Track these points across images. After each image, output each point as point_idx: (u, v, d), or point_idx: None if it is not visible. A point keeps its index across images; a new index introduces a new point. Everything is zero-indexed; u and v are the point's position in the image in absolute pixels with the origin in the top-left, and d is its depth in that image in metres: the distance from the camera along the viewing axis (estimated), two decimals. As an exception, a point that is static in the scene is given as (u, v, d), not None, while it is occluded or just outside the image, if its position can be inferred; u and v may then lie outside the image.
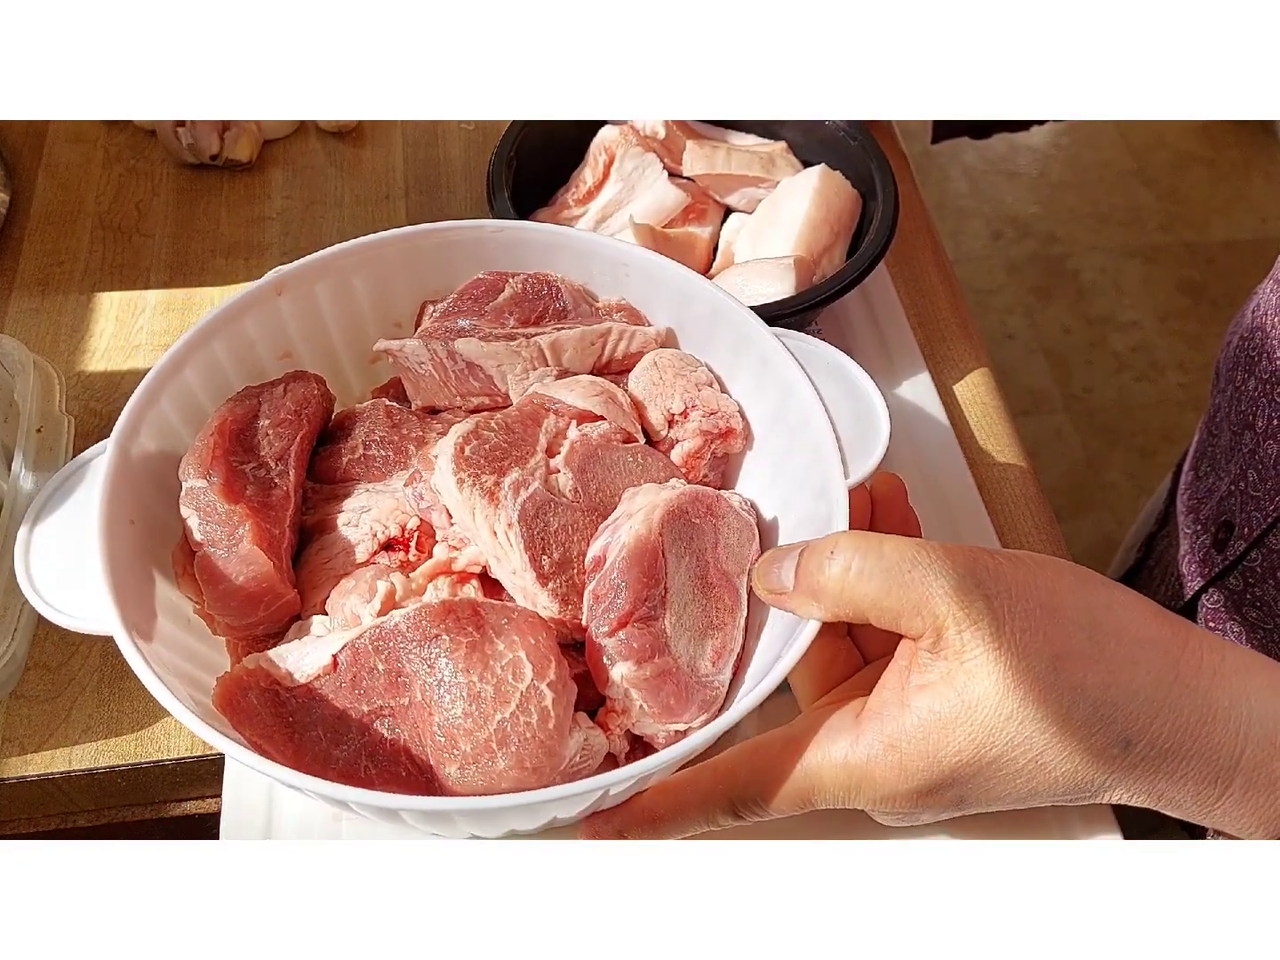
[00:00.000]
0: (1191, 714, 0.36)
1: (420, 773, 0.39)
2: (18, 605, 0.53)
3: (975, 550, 0.38)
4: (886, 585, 0.37)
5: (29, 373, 0.60)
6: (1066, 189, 2.21)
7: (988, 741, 0.36)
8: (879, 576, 0.37)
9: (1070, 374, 1.92)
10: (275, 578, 0.44)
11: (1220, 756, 0.36)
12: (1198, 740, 0.35)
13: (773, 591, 0.40)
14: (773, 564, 0.40)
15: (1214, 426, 0.66)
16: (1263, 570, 0.59)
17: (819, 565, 0.38)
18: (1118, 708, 0.35)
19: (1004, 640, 0.36)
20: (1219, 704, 0.36)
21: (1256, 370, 0.60)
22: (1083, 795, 0.37)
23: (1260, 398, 0.59)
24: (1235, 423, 0.62)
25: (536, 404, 0.48)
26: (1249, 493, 0.59)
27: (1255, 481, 0.59)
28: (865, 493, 0.48)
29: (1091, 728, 0.35)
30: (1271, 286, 0.60)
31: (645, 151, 0.70)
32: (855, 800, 0.38)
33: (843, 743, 0.38)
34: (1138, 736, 0.35)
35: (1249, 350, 0.61)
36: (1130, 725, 0.35)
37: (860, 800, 0.38)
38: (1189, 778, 0.36)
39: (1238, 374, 0.62)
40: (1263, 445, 0.58)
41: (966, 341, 0.71)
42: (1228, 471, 0.63)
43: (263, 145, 0.80)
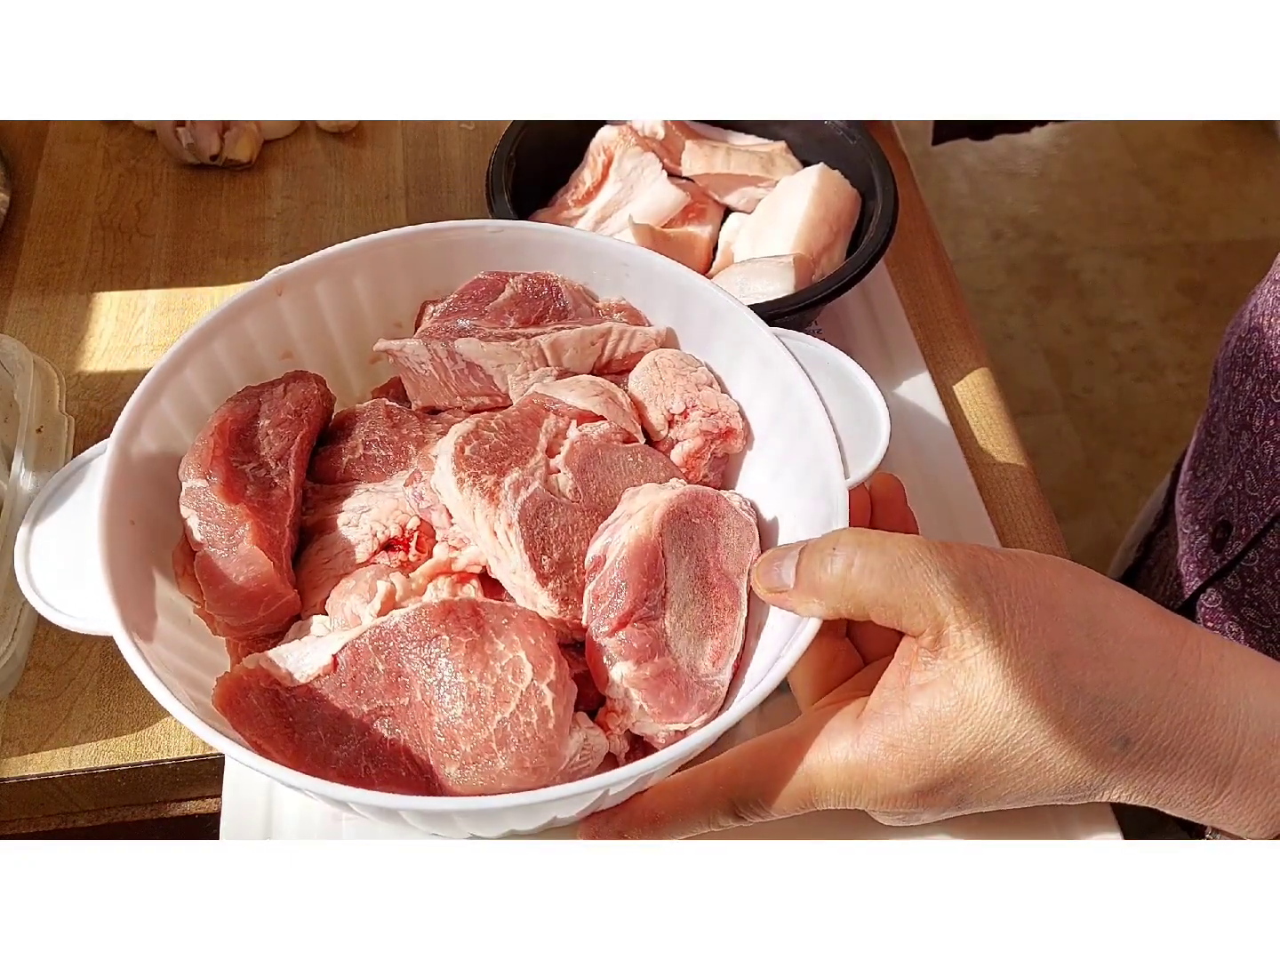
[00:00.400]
0: (1190, 712, 0.36)
1: (420, 773, 0.39)
2: (18, 605, 0.53)
3: (976, 548, 0.38)
4: (889, 581, 0.37)
5: (29, 373, 0.60)
6: (1066, 189, 2.21)
7: (988, 740, 0.36)
8: (881, 572, 0.37)
9: (1070, 374, 1.92)
10: (275, 578, 0.44)
11: (1218, 754, 0.36)
12: (1196, 738, 0.36)
13: (773, 590, 0.40)
14: (772, 563, 0.40)
15: (1212, 426, 0.66)
16: (1260, 570, 0.59)
17: (820, 562, 0.38)
18: (1116, 705, 0.35)
19: (1004, 637, 0.36)
20: (1217, 702, 0.36)
21: (1254, 370, 0.60)
22: (1082, 794, 0.37)
23: (1257, 398, 0.59)
24: (1233, 423, 0.62)
25: (536, 404, 0.48)
26: (1246, 493, 0.59)
27: (1253, 482, 0.59)
28: (865, 493, 0.48)
29: (1090, 725, 0.36)
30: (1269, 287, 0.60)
31: (644, 151, 0.70)
32: (856, 800, 0.39)
33: (844, 743, 0.38)
34: (1136, 734, 0.36)
35: (1246, 350, 0.61)
36: (1129, 723, 0.36)
37: (861, 800, 0.38)
38: (1187, 775, 0.36)
39: (1235, 374, 0.62)
40: (1260, 445, 0.58)
41: (966, 341, 0.71)
42: (1225, 471, 0.63)
43: (263, 145, 0.80)
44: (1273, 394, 0.57)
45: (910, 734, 0.37)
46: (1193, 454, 0.70)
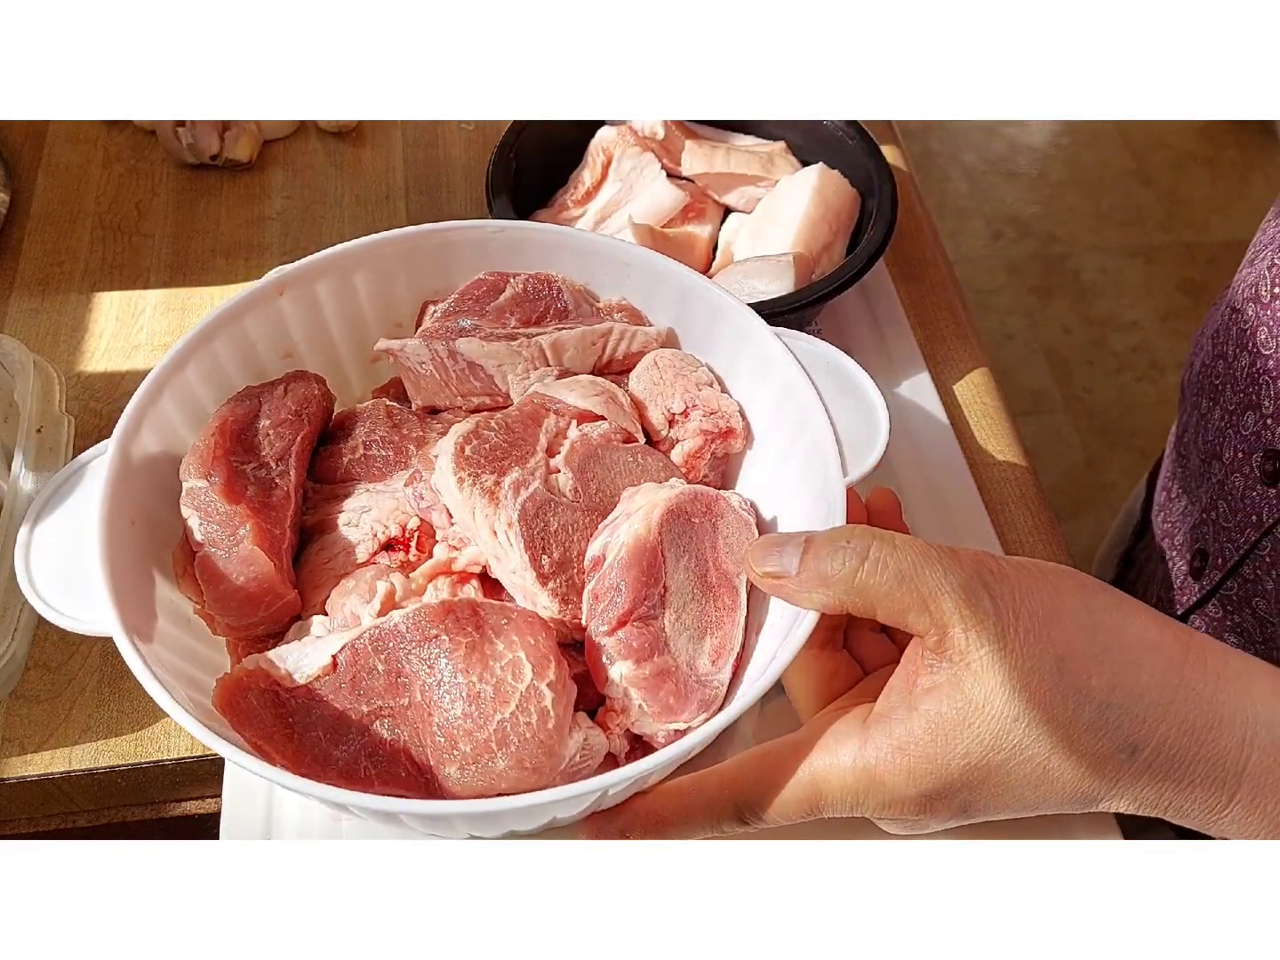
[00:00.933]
0: (1197, 719, 0.35)
1: (420, 773, 0.39)
2: (18, 605, 0.53)
3: (981, 554, 0.38)
4: (899, 578, 0.37)
5: (29, 373, 0.60)
6: (1066, 189, 2.21)
7: (995, 745, 0.36)
8: (893, 569, 0.37)
9: (1070, 374, 1.92)
10: (275, 578, 0.44)
11: (1226, 762, 0.35)
12: (1204, 745, 0.35)
13: (771, 576, 0.39)
14: (771, 548, 0.40)
15: (1183, 447, 0.66)
16: (1238, 599, 0.59)
17: (831, 553, 0.38)
18: (1123, 711, 0.35)
19: (1009, 641, 0.36)
20: (1224, 709, 0.35)
21: (1221, 400, 0.59)
22: (1089, 804, 0.37)
23: (1226, 428, 0.58)
24: (1203, 450, 0.61)
25: (537, 404, 0.48)
26: (1220, 523, 0.59)
27: (1225, 513, 0.58)
28: (861, 505, 0.47)
29: (1097, 731, 0.35)
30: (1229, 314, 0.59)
31: (643, 151, 0.70)
32: (863, 805, 0.38)
33: (850, 746, 0.38)
34: (1144, 741, 0.35)
35: (1212, 378, 0.60)
36: (1136, 730, 0.35)
37: (868, 805, 0.38)
38: (1196, 784, 0.36)
39: (1203, 401, 0.62)
40: (1230, 478, 0.58)
41: (966, 341, 0.71)
42: (1199, 498, 0.62)
43: (263, 145, 0.80)
44: (1242, 425, 0.57)
45: (917, 737, 0.37)
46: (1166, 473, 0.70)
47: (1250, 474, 0.56)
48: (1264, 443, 0.55)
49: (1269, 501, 0.55)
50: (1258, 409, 0.55)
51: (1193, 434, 0.64)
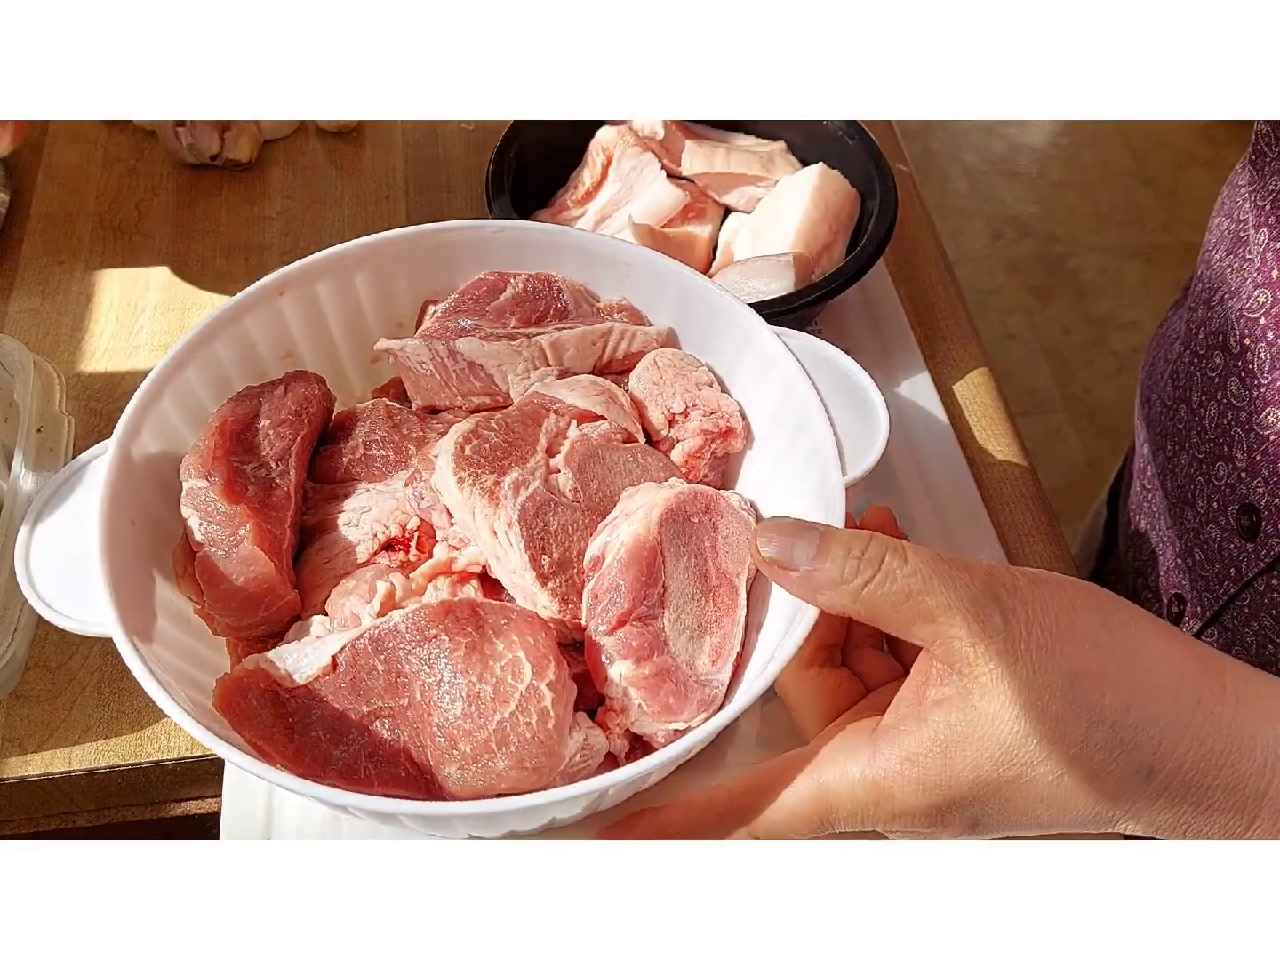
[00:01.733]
0: (1215, 743, 0.34)
1: (420, 773, 0.39)
2: (18, 605, 0.53)
3: (995, 566, 0.37)
4: (906, 592, 0.36)
5: (29, 373, 0.60)
6: (1066, 189, 2.21)
7: (1005, 760, 0.35)
8: (900, 582, 0.36)
9: (1070, 374, 1.92)
10: (276, 578, 0.44)
11: (1247, 787, 0.34)
12: (1223, 770, 0.34)
13: (776, 564, 0.38)
14: (784, 535, 0.38)
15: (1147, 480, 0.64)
16: (1221, 646, 0.57)
17: (844, 558, 0.37)
18: (1138, 731, 0.34)
19: (1019, 656, 0.35)
20: (1244, 732, 0.34)
21: (1188, 446, 0.57)
22: (1104, 825, 0.36)
23: (1196, 475, 0.57)
24: (1173, 494, 0.60)
25: (537, 404, 0.48)
26: (1198, 572, 0.57)
27: (1202, 561, 0.57)
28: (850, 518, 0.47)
29: (1112, 752, 0.34)
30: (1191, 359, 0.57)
31: (643, 151, 0.70)
32: (873, 818, 0.38)
33: (859, 759, 0.37)
34: (1159, 765, 0.34)
35: (1175, 423, 0.58)
36: (1152, 753, 0.34)
37: (878, 818, 0.38)
38: (1215, 809, 0.35)
39: (1167, 443, 0.60)
40: (1205, 528, 0.56)
41: (966, 341, 0.71)
42: (1172, 541, 0.60)
43: (263, 145, 0.80)
44: (1213, 474, 0.55)
45: (927, 749, 0.36)
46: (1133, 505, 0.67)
47: (1227, 526, 0.54)
48: (1239, 497, 0.53)
49: (1247, 555, 0.53)
50: (1229, 460, 0.53)
51: (1157, 473, 0.62)
